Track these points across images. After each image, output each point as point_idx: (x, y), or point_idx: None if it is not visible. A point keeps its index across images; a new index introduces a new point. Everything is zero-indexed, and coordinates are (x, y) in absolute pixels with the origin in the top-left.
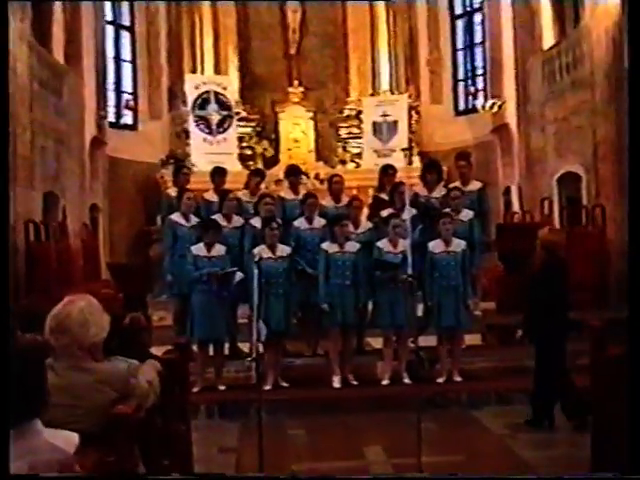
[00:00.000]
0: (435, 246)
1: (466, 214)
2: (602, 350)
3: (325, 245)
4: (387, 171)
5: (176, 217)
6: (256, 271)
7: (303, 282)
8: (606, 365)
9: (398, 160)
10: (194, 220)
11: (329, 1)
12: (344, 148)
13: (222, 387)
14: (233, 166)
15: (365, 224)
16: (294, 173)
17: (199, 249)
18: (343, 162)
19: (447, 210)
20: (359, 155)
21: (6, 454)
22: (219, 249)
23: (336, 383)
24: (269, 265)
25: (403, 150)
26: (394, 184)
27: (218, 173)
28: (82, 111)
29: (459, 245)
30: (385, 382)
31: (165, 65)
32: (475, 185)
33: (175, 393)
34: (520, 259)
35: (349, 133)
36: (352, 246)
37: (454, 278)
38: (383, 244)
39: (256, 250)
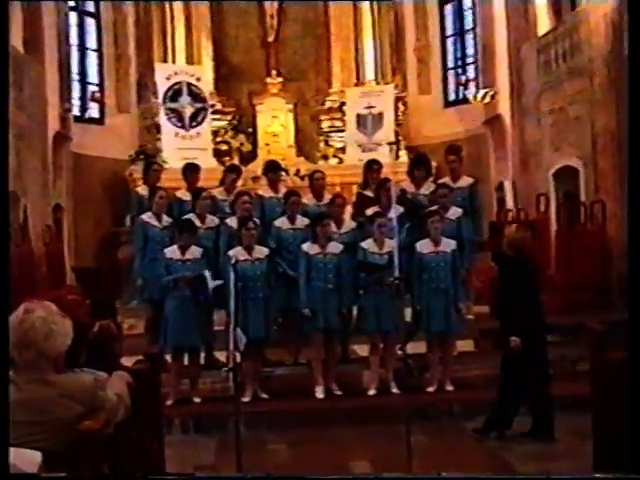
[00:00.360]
0: (423, 246)
1: (454, 212)
2: (602, 353)
3: (306, 246)
4: (372, 167)
5: (147, 217)
6: (232, 274)
7: (284, 286)
8: (606, 369)
9: (384, 155)
10: (166, 220)
11: None
12: (326, 142)
13: (197, 399)
14: (207, 162)
15: (349, 223)
16: (273, 169)
17: (172, 252)
18: (325, 157)
19: (435, 208)
20: (342, 150)
21: (6, 453)
22: (194, 252)
23: (319, 394)
24: (246, 268)
25: (389, 144)
26: (379, 181)
27: (191, 170)
28: (44, 104)
29: (449, 245)
30: (372, 392)
31: (133, 54)
32: (466, 181)
33: (147, 406)
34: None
35: (331, 126)
36: (335, 247)
37: (444, 280)
38: (368, 244)
39: (232, 252)
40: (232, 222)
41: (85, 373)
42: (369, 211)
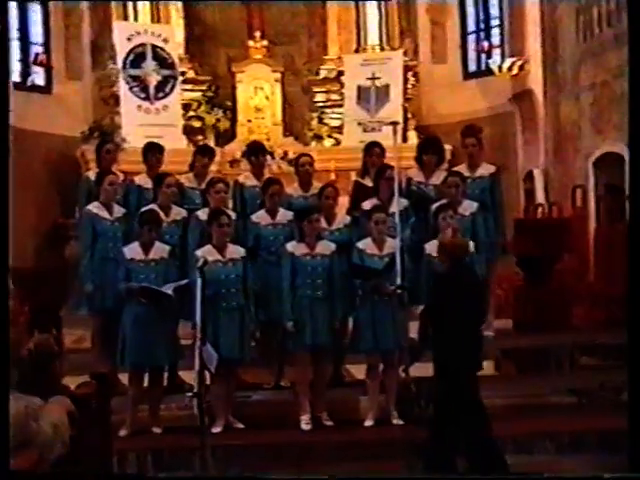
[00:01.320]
0: (434, 248)
1: (468, 206)
2: None
3: (290, 246)
4: (372, 150)
5: (94, 208)
6: (199, 279)
7: (264, 293)
8: None
9: (390, 136)
10: (119, 211)
11: None
12: (320, 120)
13: (158, 430)
14: (176, 142)
15: (342, 218)
16: (256, 152)
17: (134, 251)
18: (318, 138)
19: (445, 201)
20: (339, 129)
21: (6, 453)
22: (160, 250)
23: (305, 424)
24: (217, 271)
25: (392, 124)
26: (379, 167)
27: (153, 150)
28: None
29: None
30: (369, 423)
31: (86, 9)
32: (486, 169)
33: (93, 439)
34: (545, 265)
35: (327, 100)
36: (325, 247)
37: None
38: (365, 245)
39: (200, 252)
40: (204, 215)
41: (17, 399)
42: (367, 204)
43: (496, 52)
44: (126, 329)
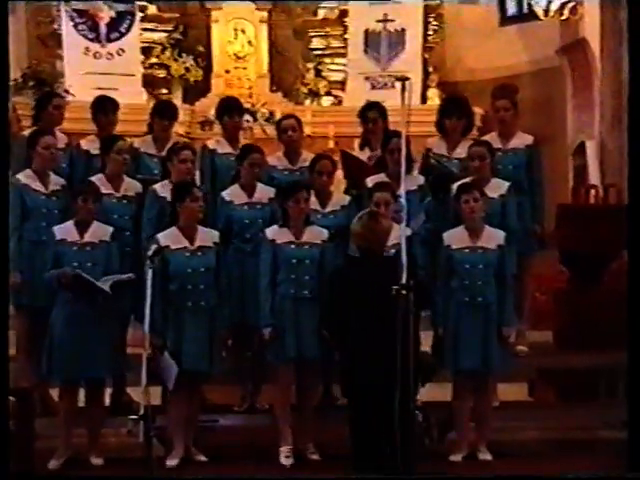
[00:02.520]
0: (454, 238)
1: (496, 186)
2: None
3: (271, 232)
4: (366, 114)
5: (25, 177)
6: (150, 271)
7: (236, 291)
8: None
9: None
10: (56, 183)
11: None
12: (317, 72)
13: (98, 460)
14: (134, 96)
15: (339, 199)
16: (230, 110)
17: (66, 231)
18: (315, 95)
19: (468, 180)
20: (341, 84)
21: (6, 454)
22: (100, 232)
23: (285, 457)
24: (182, 262)
25: (400, 80)
26: (385, 135)
27: (104, 106)
28: None
29: (494, 238)
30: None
31: None
32: (522, 140)
33: (12, 469)
34: (596, 263)
35: (326, 48)
36: (315, 234)
37: (483, 291)
38: None
39: (161, 235)
40: (163, 190)
41: None
42: (369, 181)
43: None
44: (55, 332)
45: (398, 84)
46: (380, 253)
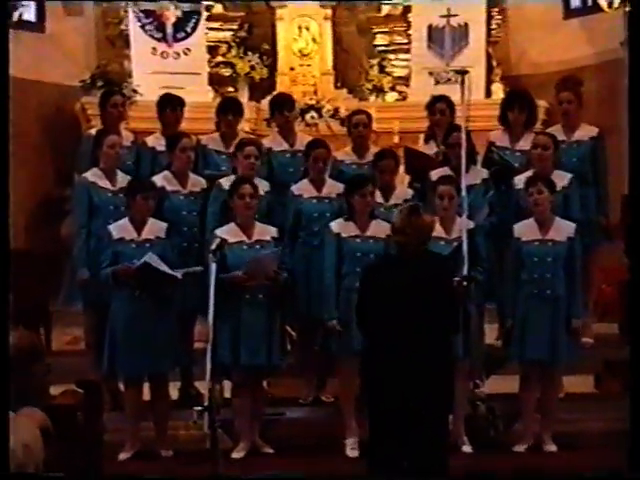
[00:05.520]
0: (524, 230)
1: (559, 178)
2: None
3: (336, 225)
4: (434, 107)
5: (92, 175)
6: (213, 265)
7: (302, 284)
8: None
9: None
10: (123, 180)
11: None
12: (381, 68)
13: (167, 453)
14: (200, 94)
15: (402, 192)
16: (281, 106)
17: (122, 229)
18: (379, 91)
19: (531, 172)
20: (405, 80)
21: (6, 453)
22: (155, 228)
23: (351, 449)
24: (240, 255)
25: (459, 73)
26: (448, 129)
27: (171, 104)
28: None
29: (564, 230)
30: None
31: None
32: (587, 132)
33: (78, 461)
34: None
35: (390, 44)
36: (380, 228)
37: (552, 284)
38: None
39: (219, 231)
40: (228, 184)
41: None
42: (434, 174)
43: None
44: (116, 328)
45: (467, 76)
46: (419, 250)
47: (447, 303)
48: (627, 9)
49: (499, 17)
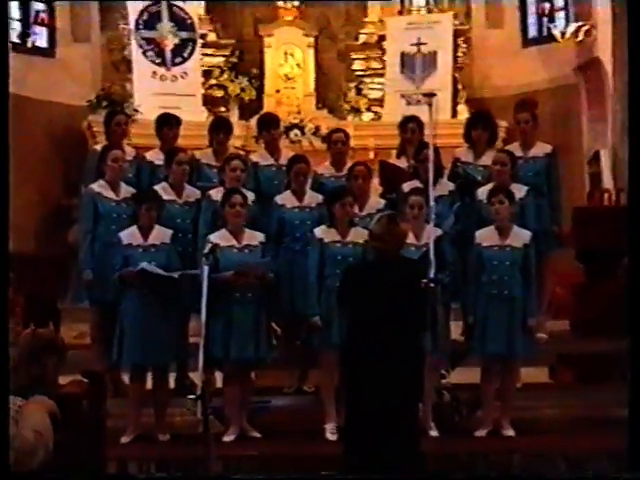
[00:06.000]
0: (485, 236)
1: (516, 190)
2: None
3: (320, 231)
4: (406, 126)
5: (98, 186)
6: (206, 267)
7: (286, 284)
8: None
9: (437, 110)
10: (126, 191)
11: None
12: (358, 91)
13: (164, 437)
14: (195, 114)
15: (375, 203)
16: (267, 125)
17: (131, 236)
18: (356, 111)
19: (492, 186)
20: (379, 102)
21: (6, 453)
22: (161, 235)
23: (331, 433)
24: (231, 258)
25: (426, 96)
26: (418, 146)
27: (168, 123)
28: None
29: (521, 237)
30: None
31: None
32: (541, 149)
33: (83, 445)
34: (610, 259)
35: (366, 69)
36: (358, 234)
37: (510, 285)
38: None
39: (212, 237)
40: (217, 195)
41: None
42: (405, 186)
43: (559, 15)
44: (125, 323)
45: (434, 98)
46: (396, 255)
47: (418, 303)
48: (578, 39)
49: (464, 46)
